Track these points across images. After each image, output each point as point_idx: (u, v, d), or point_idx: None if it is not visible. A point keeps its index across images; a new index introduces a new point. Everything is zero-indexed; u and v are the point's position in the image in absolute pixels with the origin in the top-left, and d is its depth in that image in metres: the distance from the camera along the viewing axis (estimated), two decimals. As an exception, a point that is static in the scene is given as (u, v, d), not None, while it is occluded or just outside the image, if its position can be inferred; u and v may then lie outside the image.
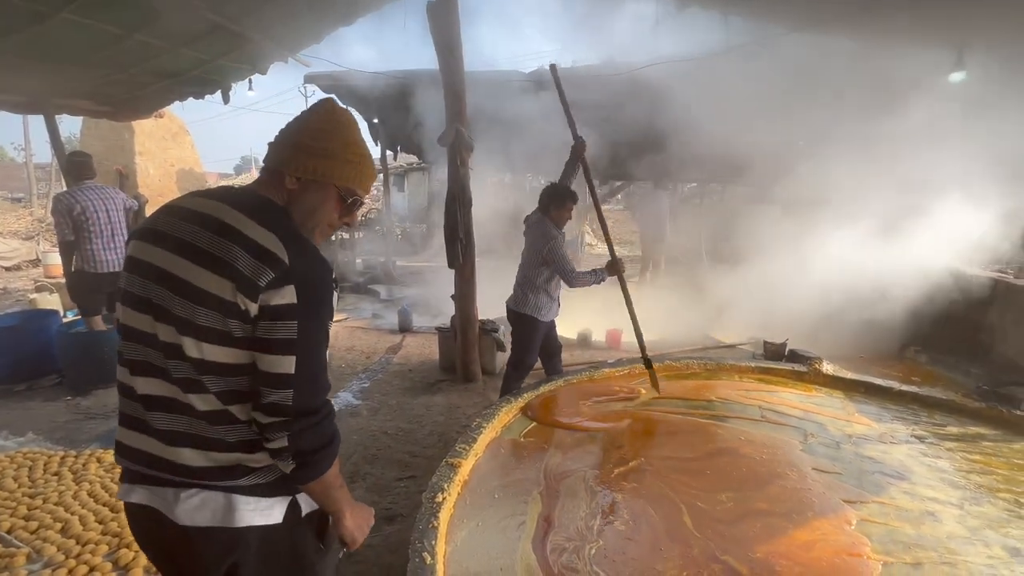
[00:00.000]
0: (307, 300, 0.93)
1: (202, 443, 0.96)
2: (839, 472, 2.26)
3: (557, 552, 1.71)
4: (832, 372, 3.40)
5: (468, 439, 2.41)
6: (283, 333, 0.91)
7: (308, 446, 0.96)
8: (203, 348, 0.92)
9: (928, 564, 1.70)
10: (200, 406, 0.95)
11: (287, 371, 0.92)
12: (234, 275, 0.90)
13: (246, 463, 0.98)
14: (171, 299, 0.92)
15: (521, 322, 3.15)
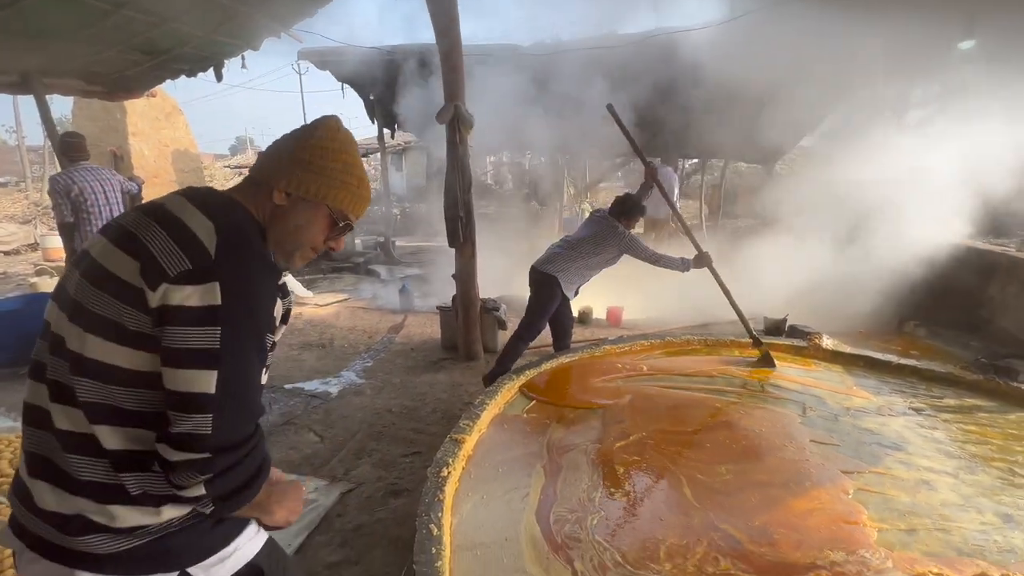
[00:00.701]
0: (235, 303, 0.74)
1: (54, 476, 0.76)
2: (837, 444, 2.30)
3: (560, 523, 1.75)
4: (831, 347, 3.42)
5: (472, 415, 2.44)
6: (200, 342, 0.72)
7: (232, 487, 0.77)
8: (86, 341, 0.74)
9: (922, 530, 1.74)
10: (60, 421, 0.76)
11: (204, 390, 0.72)
12: (141, 254, 0.75)
13: (91, 516, 0.74)
14: (77, 284, 0.78)
15: (544, 283, 3.24)
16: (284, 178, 0.88)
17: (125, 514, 0.75)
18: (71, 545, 0.75)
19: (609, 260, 3.35)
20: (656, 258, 3.28)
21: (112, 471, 0.75)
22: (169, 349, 0.73)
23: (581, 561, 1.58)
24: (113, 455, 0.75)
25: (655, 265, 3.33)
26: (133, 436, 0.76)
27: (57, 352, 0.78)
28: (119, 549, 0.75)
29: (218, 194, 0.88)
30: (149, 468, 0.77)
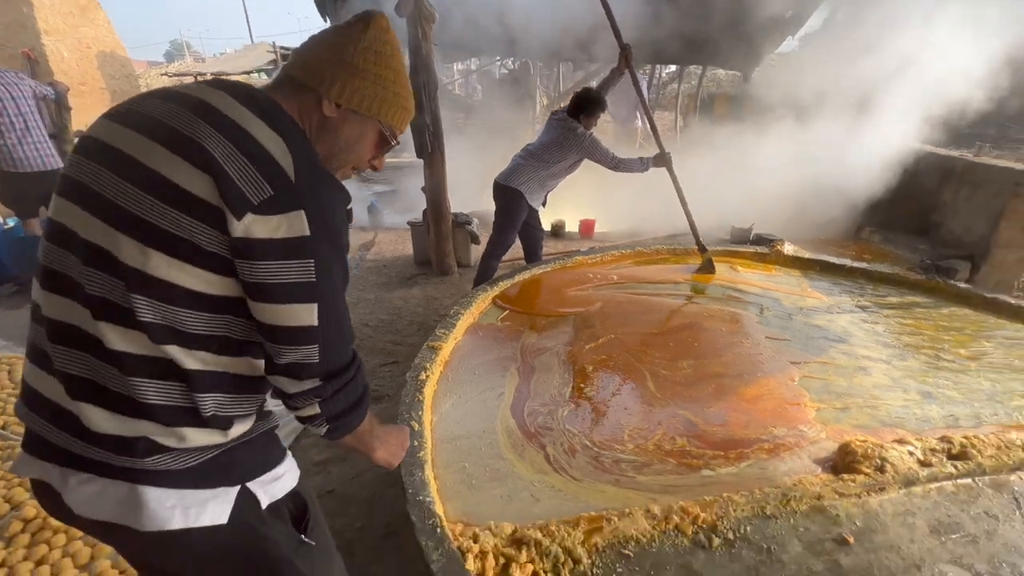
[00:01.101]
0: (322, 231, 0.70)
1: (107, 399, 0.71)
2: (788, 339, 2.48)
3: (533, 416, 1.89)
4: (791, 253, 3.57)
5: (447, 325, 2.50)
6: (296, 276, 0.69)
7: (343, 407, 0.81)
8: (149, 257, 0.67)
9: (854, 408, 1.96)
10: (115, 343, 0.69)
11: (308, 323, 0.72)
12: (213, 170, 0.67)
13: (158, 439, 0.71)
14: (120, 187, 0.68)
15: (508, 197, 3.16)
16: (335, 86, 0.78)
17: (195, 435, 0.73)
18: (133, 465, 0.72)
19: (571, 166, 3.23)
20: (616, 163, 3.16)
21: (186, 392, 0.72)
22: (262, 284, 0.69)
23: (553, 446, 1.73)
24: (191, 376, 0.72)
25: (615, 170, 3.21)
26: (201, 358, 0.72)
27: (100, 266, 0.68)
28: (186, 466, 0.74)
29: (266, 98, 0.76)
30: (223, 389, 0.75)
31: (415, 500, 1.42)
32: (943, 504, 1.49)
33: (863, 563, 1.30)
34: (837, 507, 1.47)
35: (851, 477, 1.56)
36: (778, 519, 1.43)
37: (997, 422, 1.87)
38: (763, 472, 1.62)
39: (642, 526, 1.39)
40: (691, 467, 1.64)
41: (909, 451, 1.66)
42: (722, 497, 1.48)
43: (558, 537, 1.35)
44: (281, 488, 0.84)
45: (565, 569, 1.28)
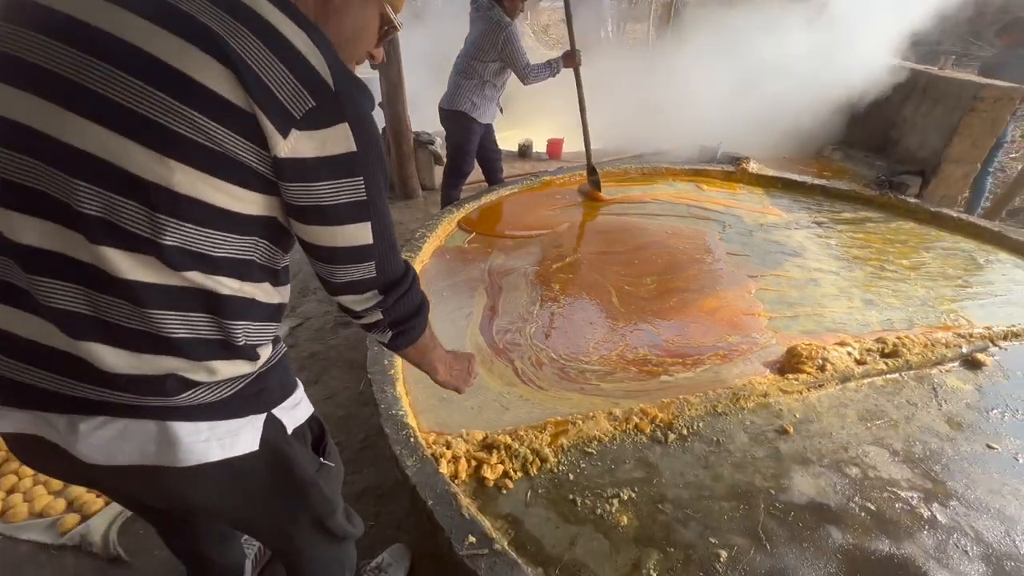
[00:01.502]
0: (366, 145, 0.64)
1: (122, 336, 0.62)
2: (747, 254, 2.57)
3: (502, 333, 1.92)
4: (756, 171, 3.60)
5: (413, 248, 2.45)
6: (348, 196, 0.64)
7: (403, 315, 0.79)
8: (172, 170, 0.56)
9: (803, 316, 2.08)
10: (124, 270, 0.59)
11: (365, 242, 0.68)
12: (246, 75, 0.55)
13: (187, 375, 0.65)
14: (112, 77, 0.54)
15: (455, 121, 2.91)
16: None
17: (226, 367, 0.68)
18: (164, 404, 0.66)
19: (501, 70, 2.85)
20: (527, 72, 2.78)
21: (216, 323, 0.65)
22: (315, 207, 0.63)
23: (521, 360, 1.78)
24: (224, 303, 0.65)
25: (525, 82, 2.82)
26: (230, 285, 0.65)
27: (97, 179, 0.56)
28: (220, 398, 0.69)
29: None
30: (252, 317, 0.70)
31: (388, 414, 1.46)
32: (872, 396, 1.65)
33: (799, 448, 1.45)
34: (780, 403, 1.61)
35: (794, 376, 1.69)
36: (728, 416, 1.56)
37: (927, 324, 2.04)
38: (717, 376, 1.73)
39: (604, 427, 1.49)
40: (651, 374, 1.74)
41: (848, 352, 1.80)
42: (679, 399, 1.59)
43: (526, 440, 1.43)
44: (303, 413, 0.84)
45: (533, 467, 1.37)
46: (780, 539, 1.21)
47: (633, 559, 1.16)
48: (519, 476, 1.35)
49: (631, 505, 1.28)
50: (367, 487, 1.63)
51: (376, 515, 1.55)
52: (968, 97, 3.32)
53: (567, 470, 1.37)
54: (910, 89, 3.79)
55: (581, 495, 1.30)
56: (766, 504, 1.29)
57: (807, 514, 1.27)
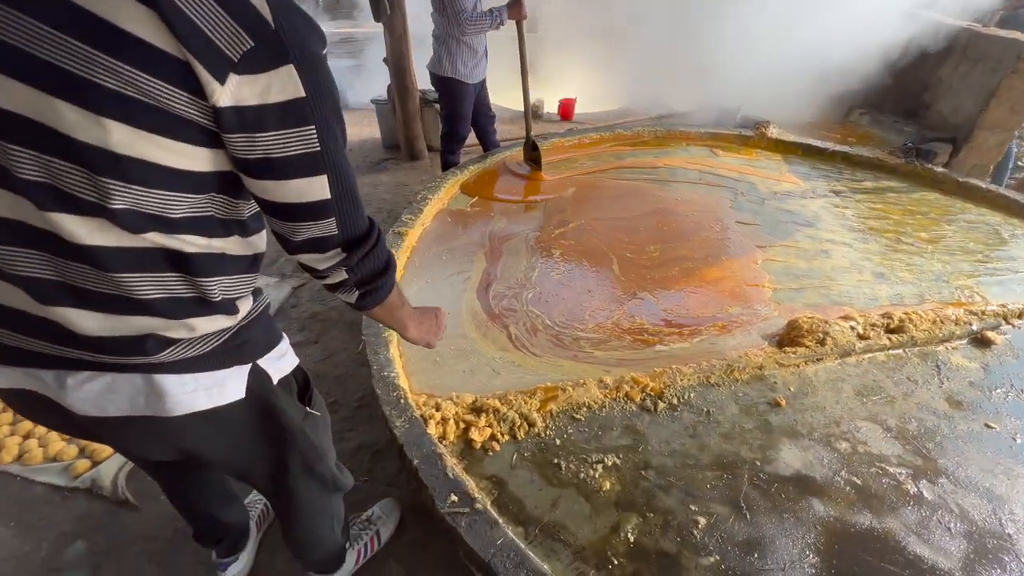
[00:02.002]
0: (317, 86, 0.58)
1: (92, 300, 0.62)
2: (758, 224, 2.48)
3: (498, 298, 1.91)
4: (775, 136, 3.44)
5: (414, 210, 2.42)
6: (297, 147, 0.59)
7: (369, 273, 0.77)
8: (108, 129, 0.52)
9: (809, 288, 2.03)
10: (81, 236, 0.57)
11: (320, 197, 0.64)
12: (172, 16, 0.50)
13: (165, 333, 0.65)
14: (34, 32, 0.50)
15: (444, 87, 2.78)
16: None
17: (204, 323, 0.67)
18: (146, 361, 0.66)
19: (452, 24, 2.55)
20: (462, 21, 2.49)
21: (188, 280, 0.64)
22: (263, 160, 0.59)
23: (515, 326, 1.78)
24: (194, 261, 0.63)
25: (463, 32, 2.54)
26: (195, 243, 0.63)
27: (33, 143, 0.53)
28: (202, 352, 0.69)
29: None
30: (226, 271, 0.68)
31: (380, 376, 1.48)
32: (872, 371, 1.62)
33: (789, 421, 1.44)
34: (776, 376, 1.59)
35: (792, 349, 1.66)
36: (720, 387, 1.54)
37: (940, 299, 1.97)
38: (713, 347, 1.71)
39: (594, 394, 1.49)
40: (646, 343, 1.72)
41: (851, 326, 1.75)
42: (671, 368, 1.58)
43: (515, 405, 1.44)
44: (288, 364, 0.84)
45: (520, 431, 1.39)
46: (761, 509, 1.21)
47: (612, 522, 1.18)
48: (506, 439, 1.37)
49: (615, 471, 1.30)
50: (362, 444, 1.68)
51: (369, 471, 1.60)
52: (1011, 58, 3.07)
53: (554, 435, 1.39)
54: (950, 48, 3.52)
55: (566, 459, 1.32)
56: (750, 475, 1.29)
57: (791, 486, 1.27)
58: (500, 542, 1.08)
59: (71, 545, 1.40)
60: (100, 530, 1.43)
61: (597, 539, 1.15)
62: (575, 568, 1.10)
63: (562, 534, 1.16)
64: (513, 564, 1.04)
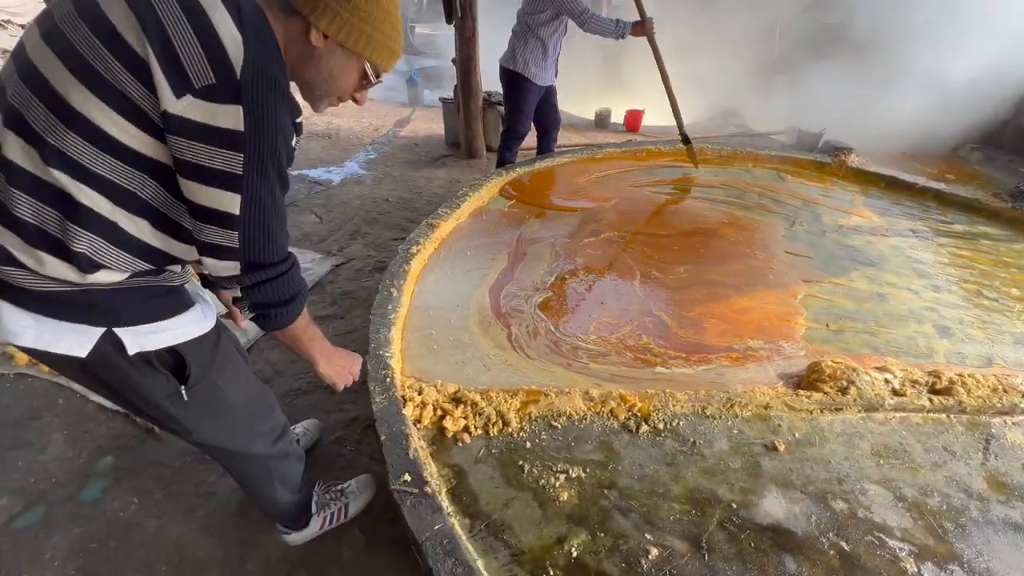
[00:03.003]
0: (257, 134, 0.71)
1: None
2: (810, 256, 2.29)
3: (509, 298, 1.93)
4: (856, 164, 3.13)
5: (452, 205, 2.50)
6: (223, 164, 0.71)
7: (264, 300, 0.84)
8: (76, 88, 0.68)
9: (850, 332, 1.84)
10: (13, 153, 0.70)
11: (229, 210, 0.74)
12: (161, 39, 0.67)
13: (16, 253, 0.72)
14: (73, 22, 0.69)
15: (512, 82, 2.83)
16: (326, 17, 0.77)
17: (53, 264, 0.73)
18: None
19: (552, 23, 2.69)
20: (585, 18, 2.59)
21: (62, 222, 0.71)
22: (190, 163, 0.71)
23: (518, 327, 1.79)
24: (79, 210, 0.71)
25: (584, 28, 2.63)
26: (96, 201, 0.72)
27: (31, 84, 0.69)
28: (40, 290, 0.75)
29: (252, 3, 0.75)
30: (106, 237, 0.74)
31: (375, 353, 1.56)
32: (900, 432, 1.44)
33: (783, 469, 1.32)
34: (782, 419, 1.46)
35: (807, 393, 1.52)
36: (715, 420, 1.45)
37: (1012, 367, 1.70)
38: (720, 377, 1.61)
39: (577, 405, 1.46)
40: (647, 363, 1.65)
41: (886, 379, 1.57)
42: (664, 392, 1.51)
43: (495, 402, 1.45)
44: (154, 342, 0.84)
45: (494, 428, 1.39)
46: (723, 553, 1.13)
47: (560, 533, 1.16)
48: (478, 433, 1.39)
49: (576, 483, 1.27)
50: (357, 416, 1.78)
51: (358, 442, 1.69)
52: None
53: (526, 438, 1.38)
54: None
55: (531, 463, 1.31)
56: (722, 516, 1.21)
57: (765, 536, 1.17)
58: (437, 528, 1.10)
59: (103, 458, 1.62)
60: (127, 450, 1.64)
61: (539, 546, 1.13)
62: (508, 570, 1.09)
63: (506, 534, 1.16)
64: (444, 551, 1.06)
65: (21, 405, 1.79)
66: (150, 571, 1.33)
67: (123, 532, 1.42)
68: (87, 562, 1.35)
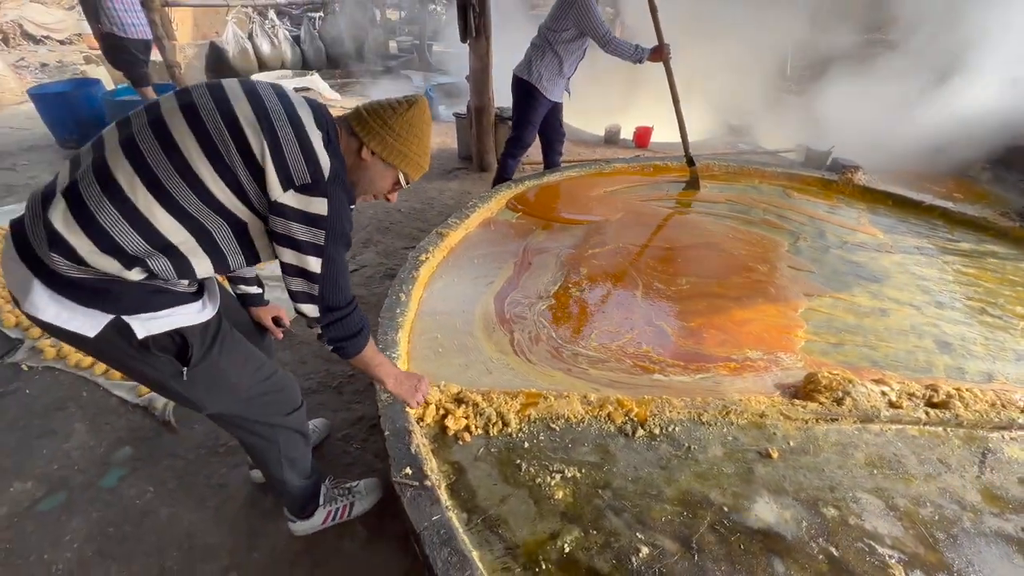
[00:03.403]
0: (334, 217, 0.98)
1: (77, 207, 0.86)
2: (813, 271, 2.31)
3: (513, 305, 1.99)
4: (863, 182, 3.16)
5: (461, 215, 2.59)
6: (312, 237, 0.97)
7: (339, 335, 1.10)
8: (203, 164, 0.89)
9: (849, 345, 1.86)
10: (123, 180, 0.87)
11: (314, 269, 1.00)
12: (274, 147, 0.91)
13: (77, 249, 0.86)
14: (212, 113, 0.90)
15: (523, 92, 2.93)
16: (376, 140, 1.06)
17: (106, 263, 0.88)
18: (43, 257, 0.87)
19: (573, 42, 2.79)
20: (607, 40, 2.69)
21: (137, 240, 0.88)
22: (285, 236, 0.96)
23: (520, 333, 1.84)
24: (164, 241, 0.90)
25: (604, 49, 2.73)
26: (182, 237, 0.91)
27: (160, 138, 0.88)
28: (69, 277, 0.88)
29: (332, 125, 1.04)
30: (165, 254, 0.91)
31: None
32: (895, 444, 1.46)
33: (776, 475, 1.35)
34: (777, 427, 1.49)
35: (802, 403, 1.54)
36: (710, 426, 1.48)
37: (1013, 382, 1.70)
38: (716, 386, 1.64)
39: (575, 408, 1.51)
40: (646, 370, 1.69)
41: (883, 391, 1.58)
42: (661, 398, 1.55)
43: (496, 403, 1.51)
44: (158, 325, 0.97)
45: (494, 428, 1.44)
46: (712, 554, 1.16)
47: (553, 529, 1.20)
48: (479, 433, 1.44)
49: (571, 483, 1.31)
50: (363, 415, 1.84)
51: (364, 440, 1.75)
52: None
53: (525, 438, 1.43)
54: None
55: (528, 462, 1.36)
56: (713, 518, 1.23)
57: (755, 540, 1.19)
58: (435, 519, 1.14)
59: (121, 448, 1.69)
60: (144, 442, 1.72)
61: (533, 541, 1.17)
62: (502, 562, 1.13)
63: (501, 529, 1.20)
64: (440, 540, 1.10)
65: (48, 396, 1.89)
66: (162, 556, 1.40)
67: (138, 518, 1.49)
68: (103, 545, 1.42)
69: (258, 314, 1.41)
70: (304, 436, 1.33)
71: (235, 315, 1.32)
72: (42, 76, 7.45)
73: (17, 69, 7.51)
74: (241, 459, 1.65)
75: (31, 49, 9.50)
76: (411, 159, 1.11)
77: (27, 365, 2.02)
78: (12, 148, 4.49)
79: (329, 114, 1.07)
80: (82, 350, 0.99)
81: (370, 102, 1.10)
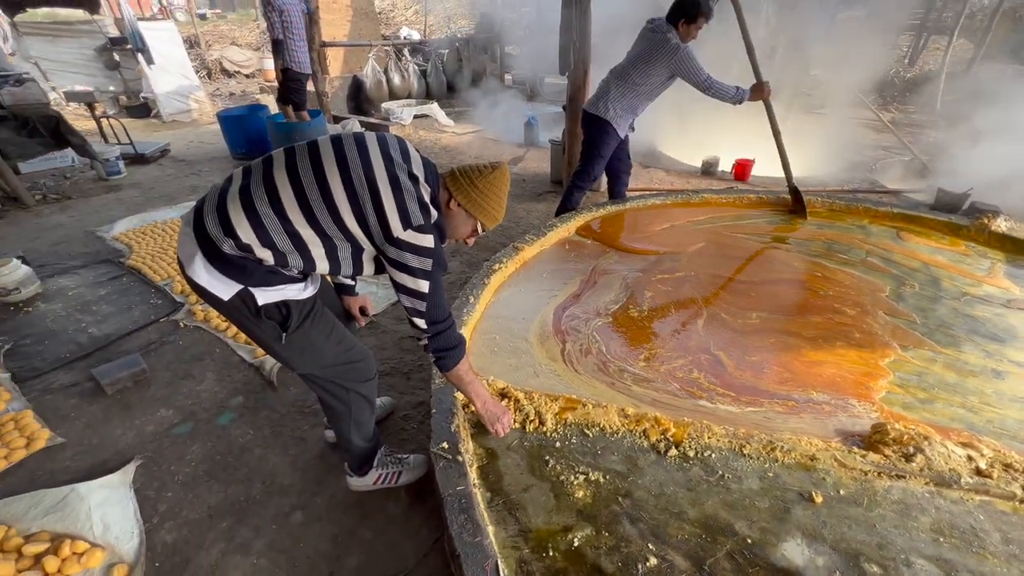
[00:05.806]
0: (437, 248, 1.24)
1: (255, 220, 1.14)
2: (915, 321, 2.09)
3: (570, 318, 2.08)
4: (1003, 230, 2.74)
5: (539, 233, 2.76)
6: (422, 264, 1.22)
7: (440, 347, 1.33)
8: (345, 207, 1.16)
9: (941, 402, 1.66)
10: (288, 205, 1.16)
11: (423, 290, 1.24)
12: (399, 198, 1.18)
13: (246, 239, 1.14)
14: (355, 162, 1.18)
15: (594, 126, 3.00)
16: (462, 194, 1.30)
17: (258, 249, 1.17)
18: (215, 239, 1.16)
19: (661, 84, 2.86)
20: (708, 84, 2.75)
21: (284, 238, 1.16)
22: (400, 263, 1.21)
23: (572, 344, 1.93)
24: (307, 250, 1.20)
25: (705, 93, 2.80)
26: (317, 243, 1.19)
27: (316, 174, 1.17)
28: (224, 254, 1.16)
29: (438, 182, 1.31)
30: (303, 255, 1.20)
31: (443, 345, 1.82)
32: (976, 515, 1.28)
33: (815, 521, 1.27)
34: (828, 472, 1.39)
35: (863, 452, 1.42)
36: (752, 459, 1.43)
37: None
38: (767, 421, 1.57)
39: (612, 419, 1.56)
40: (691, 395, 1.68)
41: (968, 456, 1.40)
42: (701, 423, 1.53)
43: (536, 402, 1.61)
44: (270, 297, 1.25)
45: (531, 425, 1.55)
46: (724, 580, 1.14)
47: (567, 523, 1.26)
48: (516, 426, 1.55)
49: (594, 486, 1.36)
50: (424, 401, 2.04)
51: (420, 422, 1.94)
52: None
53: (557, 439, 1.51)
54: None
55: (557, 460, 1.43)
56: (734, 547, 1.20)
57: (775, 577, 1.14)
58: (459, 488, 1.28)
59: (236, 397, 2.08)
60: (252, 394, 2.09)
61: (545, 530, 1.25)
62: (512, 542, 1.22)
63: (518, 512, 1.29)
64: (460, 508, 1.23)
65: (193, 348, 2.38)
66: (250, 485, 1.70)
67: (238, 452, 1.82)
68: (211, 468, 1.76)
69: (348, 302, 1.67)
70: (371, 404, 1.54)
71: (330, 301, 1.59)
72: (228, 103, 9.19)
73: (213, 97, 9.37)
74: (320, 421, 1.94)
75: (225, 81, 11.78)
76: (488, 212, 1.34)
77: (183, 323, 2.56)
78: (200, 158, 5.64)
79: (436, 171, 1.34)
80: (218, 310, 1.28)
81: (463, 164, 1.35)
